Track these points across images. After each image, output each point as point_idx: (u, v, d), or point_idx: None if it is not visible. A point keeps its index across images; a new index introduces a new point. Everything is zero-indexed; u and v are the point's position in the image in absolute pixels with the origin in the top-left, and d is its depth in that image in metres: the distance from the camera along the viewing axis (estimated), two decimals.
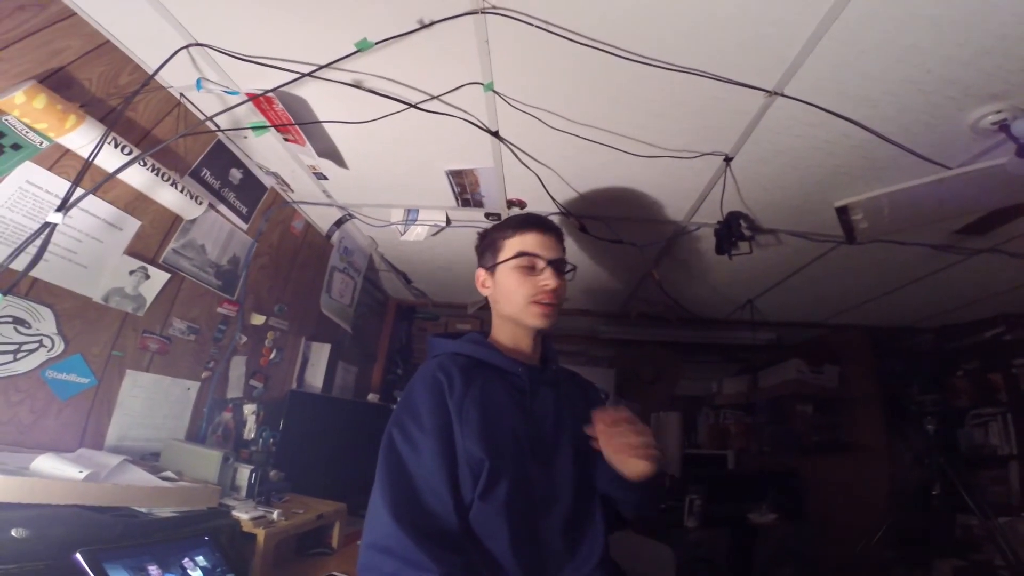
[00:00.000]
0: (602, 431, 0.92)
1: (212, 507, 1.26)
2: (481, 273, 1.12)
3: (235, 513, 1.32)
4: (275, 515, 1.38)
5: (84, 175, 1.00)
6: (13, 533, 0.84)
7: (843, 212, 1.55)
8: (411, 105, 1.20)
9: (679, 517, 2.63)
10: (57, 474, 1.01)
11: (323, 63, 1.08)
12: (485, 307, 1.15)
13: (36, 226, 0.94)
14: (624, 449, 0.90)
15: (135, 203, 1.33)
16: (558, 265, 1.06)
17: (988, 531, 2.33)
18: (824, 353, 3.07)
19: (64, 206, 0.94)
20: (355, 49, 1.02)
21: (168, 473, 1.30)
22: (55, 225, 0.94)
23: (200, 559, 1.08)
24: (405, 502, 0.84)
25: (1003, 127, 1.09)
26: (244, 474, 1.49)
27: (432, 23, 0.99)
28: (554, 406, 1.01)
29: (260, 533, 1.29)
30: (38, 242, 0.91)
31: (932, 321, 2.72)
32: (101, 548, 0.93)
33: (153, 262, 1.42)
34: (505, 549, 0.86)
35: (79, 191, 1.04)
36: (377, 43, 1.01)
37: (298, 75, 1.09)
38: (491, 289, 1.09)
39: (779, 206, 1.61)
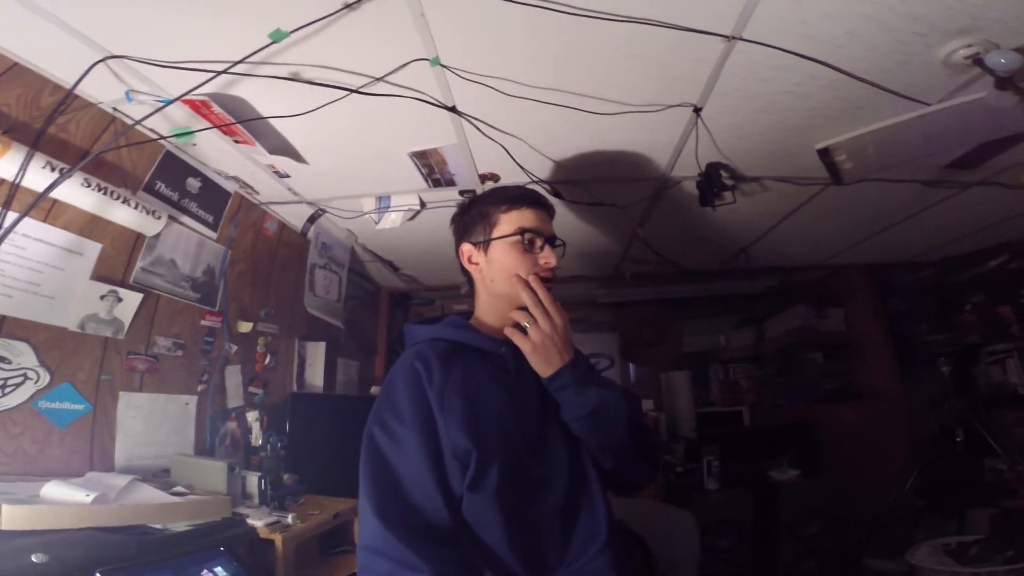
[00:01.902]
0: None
1: (226, 517, 1.27)
2: (468, 248, 1.02)
3: (250, 521, 1.33)
4: (290, 519, 1.39)
5: (12, 200, 0.96)
6: (33, 559, 0.86)
7: (825, 154, 1.49)
8: (352, 90, 1.15)
9: (699, 480, 2.54)
10: (65, 499, 1.02)
11: (242, 60, 1.02)
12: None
13: None
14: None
15: (90, 226, 1.30)
16: (552, 242, 1.02)
17: (1018, 476, 2.24)
18: (826, 296, 3.00)
19: None
20: (270, 41, 0.96)
21: (179, 488, 1.31)
22: None
23: (219, 570, 1.10)
24: (391, 501, 0.82)
25: (977, 61, 1.05)
26: (253, 481, 1.50)
27: (358, 2, 0.93)
28: (541, 384, 0.96)
29: (277, 538, 1.31)
30: None
31: (933, 255, 2.65)
32: (119, 567, 0.95)
33: (123, 284, 1.40)
34: (500, 539, 0.83)
35: (25, 220, 1.01)
36: (294, 31, 0.95)
37: (214, 74, 1.04)
38: (481, 266, 1.01)
39: (758, 153, 1.55)
